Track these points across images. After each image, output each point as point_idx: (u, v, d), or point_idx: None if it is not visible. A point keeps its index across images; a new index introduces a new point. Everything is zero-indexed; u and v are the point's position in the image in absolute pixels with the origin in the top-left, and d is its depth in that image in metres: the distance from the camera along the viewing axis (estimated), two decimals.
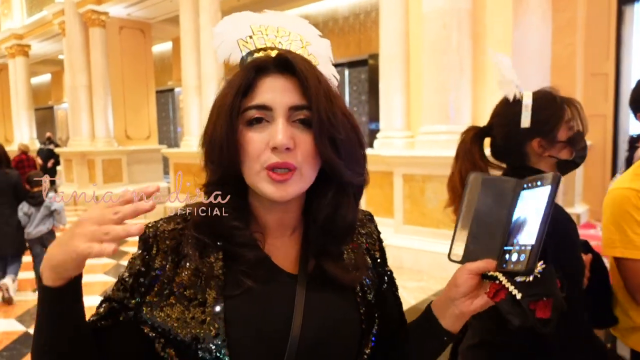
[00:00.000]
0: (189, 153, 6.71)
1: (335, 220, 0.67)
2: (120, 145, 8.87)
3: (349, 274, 0.68)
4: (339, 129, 0.62)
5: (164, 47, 11.64)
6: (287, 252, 0.69)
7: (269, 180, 0.61)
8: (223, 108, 0.63)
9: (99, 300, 0.66)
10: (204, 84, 6.38)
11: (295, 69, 0.62)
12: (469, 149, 1.19)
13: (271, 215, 0.68)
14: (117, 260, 4.65)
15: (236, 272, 0.63)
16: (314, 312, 0.64)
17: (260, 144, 0.61)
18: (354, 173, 0.65)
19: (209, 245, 0.64)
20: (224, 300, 0.61)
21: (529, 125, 1.13)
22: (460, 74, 3.84)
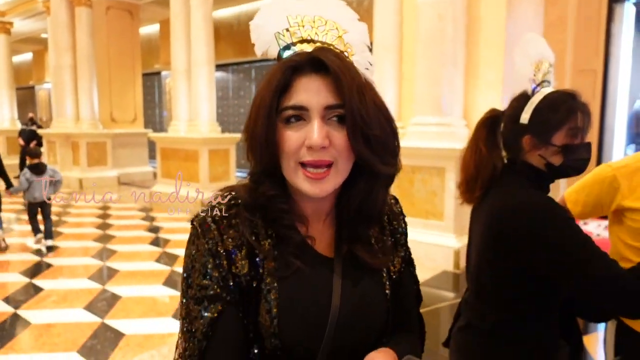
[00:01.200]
0: (176, 138, 6.64)
1: (366, 207, 0.71)
2: (105, 128, 8.72)
3: (377, 259, 0.74)
4: (371, 125, 0.65)
5: (152, 29, 11.43)
6: (321, 236, 0.74)
7: (305, 179, 0.65)
8: (262, 107, 0.66)
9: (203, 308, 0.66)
10: (193, 69, 6.30)
11: (329, 68, 0.64)
12: (477, 130, 1.23)
13: (308, 204, 0.72)
14: (103, 244, 4.61)
15: (284, 254, 0.68)
16: (349, 292, 0.71)
17: (296, 142, 0.65)
18: (386, 165, 0.69)
19: (260, 227, 0.69)
20: (277, 280, 0.67)
21: (527, 121, 1.16)
22: (454, 66, 3.87)
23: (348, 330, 0.69)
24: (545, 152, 1.15)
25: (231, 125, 10.54)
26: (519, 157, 1.19)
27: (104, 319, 2.84)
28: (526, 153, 1.17)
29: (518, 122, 1.16)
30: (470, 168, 1.20)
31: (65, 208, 6.51)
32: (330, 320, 0.68)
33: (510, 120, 1.19)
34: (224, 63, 10.08)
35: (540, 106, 1.15)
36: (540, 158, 1.16)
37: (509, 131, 1.20)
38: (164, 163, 6.96)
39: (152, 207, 6.63)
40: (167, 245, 4.62)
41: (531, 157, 1.17)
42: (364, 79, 0.68)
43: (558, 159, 1.15)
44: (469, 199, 1.25)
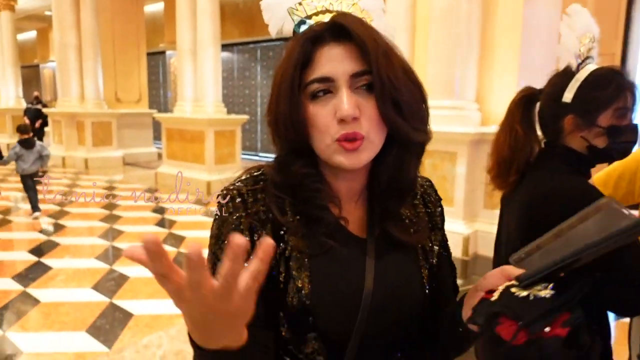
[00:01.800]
0: (182, 118, 6.58)
1: (397, 179, 0.68)
2: (110, 108, 8.66)
3: (411, 236, 0.71)
4: (401, 90, 0.62)
5: (156, 7, 11.26)
6: (354, 217, 0.70)
7: (341, 151, 0.62)
8: (284, 84, 0.63)
9: None
10: (199, 49, 6.20)
11: (352, 34, 0.61)
12: (512, 110, 1.13)
13: (342, 183, 0.69)
14: (110, 224, 4.60)
15: (316, 233, 0.65)
16: (383, 273, 0.67)
17: (327, 117, 0.62)
18: (418, 132, 0.65)
19: (289, 205, 0.66)
20: (308, 258, 0.64)
21: (570, 100, 1.06)
22: (468, 47, 3.77)
23: (382, 314, 0.66)
24: (589, 134, 1.06)
25: (236, 106, 10.46)
26: (558, 139, 1.10)
27: (112, 299, 2.84)
28: (567, 135, 1.09)
29: (559, 100, 1.07)
30: (505, 151, 1.11)
31: (72, 188, 6.50)
32: (363, 303, 0.64)
33: (551, 98, 1.10)
34: (229, 43, 9.95)
35: (585, 83, 1.05)
36: (582, 140, 1.07)
37: (549, 110, 1.11)
38: (169, 144, 6.91)
39: (157, 187, 6.60)
40: (173, 227, 4.60)
41: (572, 139, 1.08)
42: (389, 42, 0.64)
43: (602, 141, 1.06)
44: (501, 184, 1.16)
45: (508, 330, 0.52)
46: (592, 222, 0.56)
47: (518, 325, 0.51)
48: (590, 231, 0.55)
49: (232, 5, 9.75)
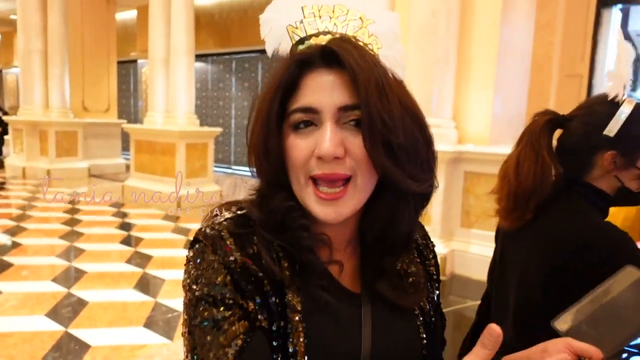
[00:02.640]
0: (152, 130, 6.36)
1: (390, 234, 0.59)
2: (77, 117, 8.33)
3: (407, 298, 0.63)
4: (396, 131, 0.53)
5: (129, 15, 11.01)
6: (346, 267, 0.61)
7: (316, 199, 0.55)
8: (262, 110, 0.56)
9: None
10: (172, 58, 6.02)
11: (343, 62, 0.53)
12: (537, 135, 1.00)
13: (327, 228, 0.58)
14: (70, 242, 4.33)
15: (309, 284, 0.57)
16: (380, 336, 0.60)
17: (305, 151, 0.54)
18: (416, 180, 0.56)
19: (279, 251, 0.57)
20: (303, 318, 0.55)
21: (613, 134, 0.96)
22: (445, 64, 3.74)
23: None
24: (625, 175, 0.97)
25: (209, 118, 10.26)
26: (582, 175, 1.00)
27: (67, 328, 2.61)
28: (598, 171, 0.99)
29: (601, 132, 0.96)
30: (529, 181, 0.97)
31: (31, 201, 6.16)
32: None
33: (591, 128, 0.98)
34: (203, 53, 9.77)
35: (633, 118, 0.95)
36: (614, 180, 0.98)
37: (583, 141, 0.99)
38: (138, 156, 6.65)
39: (124, 202, 6.33)
40: (140, 244, 4.37)
41: (603, 177, 0.99)
42: (391, 75, 0.57)
43: (636, 185, 0.98)
44: (515, 220, 1.02)
45: None
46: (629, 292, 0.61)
47: None
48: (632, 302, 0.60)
49: (208, 16, 9.60)
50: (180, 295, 0.60)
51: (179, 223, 5.22)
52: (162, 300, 3.05)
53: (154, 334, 2.59)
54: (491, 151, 3.61)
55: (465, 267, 3.74)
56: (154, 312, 2.86)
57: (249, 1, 8.89)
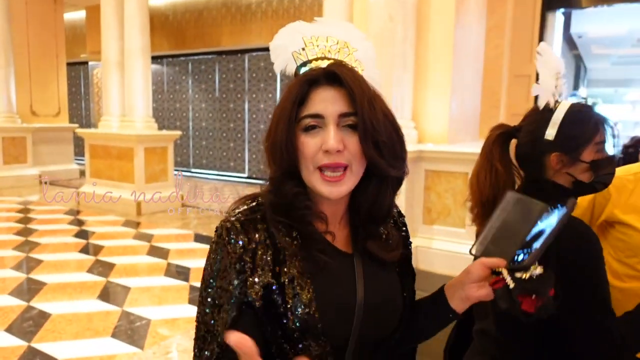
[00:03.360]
0: (108, 134, 6.16)
1: (376, 209, 0.80)
2: (25, 122, 7.94)
3: (390, 253, 0.83)
4: (381, 132, 0.73)
5: (77, 15, 10.58)
6: (339, 235, 0.81)
7: (322, 182, 0.73)
8: (283, 117, 0.74)
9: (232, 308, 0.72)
10: (127, 60, 5.86)
11: (343, 81, 0.73)
12: (490, 147, 1.13)
13: (326, 207, 0.79)
14: (27, 253, 4.14)
15: (311, 252, 0.75)
16: (370, 284, 0.79)
17: (314, 147, 0.73)
18: (394, 168, 0.77)
19: (287, 227, 0.75)
20: (309, 277, 0.73)
21: (553, 138, 1.08)
22: (404, 68, 3.86)
23: (372, 321, 0.77)
24: (575, 170, 1.08)
25: (166, 120, 10.03)
26: (541, 176, 1.12)
27: (30, 342, 2.52)
28: (551, 171, 1.10)
29: (542, 138, 1.09)
30: (487, 190, 1.10)
31: None
32: (357, 311, 0.75)
33: (533, 136, 1.11)
34: (158, 55, 9.54)
35: (566, 121, 1.07)
36: (567, 176, 1.09)
37: (531, 148, 1.12)
38: (93, 162, 6.43)
39: (80, 209, 6.11)
40: (100, 253, 4.24)
41: (557, 175, 1.10)
42: (374, 91, 0.76)
43: (588, 176, 1.09)
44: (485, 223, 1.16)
45: (529, 304, 0.71)
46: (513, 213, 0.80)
47: (532, 298, 0.71)
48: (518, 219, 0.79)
49: (162, 17, 9.39)
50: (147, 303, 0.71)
51: (140, 229, 5.10)
52: (128, 308, 2.99)
53: (123, 343, 2.54)
54: (450, 149, 3.76)
55: (429, 263, 3.87)
56: (120, 321, 2.81)
57: (204, 2, 8.76)
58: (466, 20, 4.09)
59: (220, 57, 9.04)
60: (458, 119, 4.11)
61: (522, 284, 0.72)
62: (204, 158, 9.62)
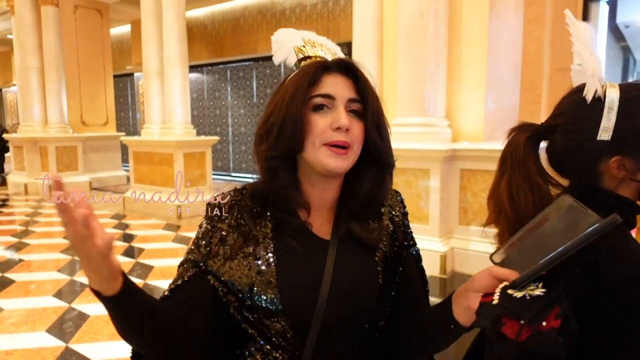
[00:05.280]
0: (149, 141, 6.39)
1: (376, 195, 0.84)
2: (76, 132, 8.38)
3: (371, 234, 0.84)
4: (382, 119, 0.82)
5: (123, 29, 11.07)
6: (322, 223, 0.84)
7: (330, 154, 0.77)
8: (298, 95, 0.78)
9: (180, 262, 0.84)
10: (166, 69, 6.05)
11: (355, 71, 0.81)
12: (522, 158, 0.85)
13: (315, 191, 0.83)
14: (72, 256, 4.35)
15: (283, 235, 0.80)
16: (342, 268, 0.80)
17: (324, 125, 0.78)
18: (390, 155, 0.84)
19: (260, 212, 0.82)
20: (275, 257, 0.79)
21: (609, 138, 0.80)
22: (436, 65, 3.76)
23: (340, 304, 0.78)
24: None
25: (207, 127, 10.29)
26: (593, 184, 0.85)
27: (68, 343, 2.62)
28: (610, 180, 0.84)
29: (594, 139, 0.81)
30: (529, 213, 0.81)
31: (33, 217, 6.19)
32: (322, 292, 0.77)
33: (579, 138, 0.83)
34: (198, 64, 9.82)
35: (624, 113, 0.80)
36: (633, 183, 0.83)
37: (578, 154, 0.84)
38: (137, 167, 6.69)
39: (125, 213, 6.36)
40: (141, 255, 4.39)
41: (617, 184, 0.84)
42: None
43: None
44: None
45: (512, 329, 0.58)
46: (558, 220, 0.65)
47: (520, 324, 0.58)
48: (560, 230, 0.64)
49: (201, 27, 9.66)
50: None
51: (179, 232, 5.24)
52: None
53: None
54: (486, 147, 3.62)
55: (466, 265, 3.74)
56: None
57: (240, 11, 8.93)
58: (501, 12, 3.93)
59: (257, 63, 9.18)
60: (494, 115, 3.95)
61: (507, 302, 0.60)
62: (243, 162, 9.79)
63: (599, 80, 0.82)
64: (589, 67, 0.82)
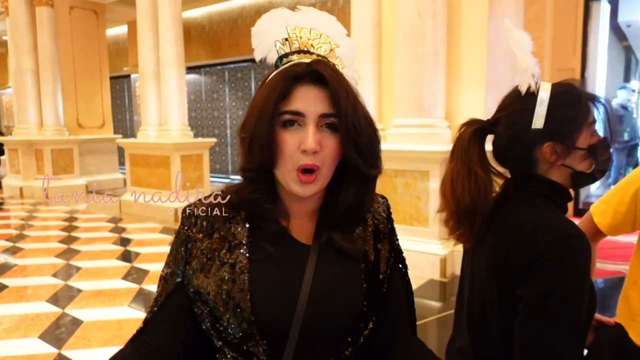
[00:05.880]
0: (145, 143, 6.33)
1: (356, 206, 0.79)
2: (72, 134, 8.31)
3: (353, 244, 0.79)
4: (362, 134, 0.73)
5: (119, 30, 11.01)
6: (305, 228, 0.80)
7: (297, 182, 0.73)
8: (266, 111, 0.72)
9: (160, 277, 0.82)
10: (162, 70, 6.00)
11: (327, 82, 0.72)
12: (467, 148, 0.97)
13: (294, 203, 0.79)
14: (67, 261, 4.29)
15: (259, 241, 0.76)
16: (322, 275, 0.76)
17: (293, 145, 0.72)
18: (373, 168, 0.77)
19: (236, 218, 0.78)
20: (249, 263, 0.74)
21: (542, 125, 0.92)
22: (435, 65, 3.71)
23: (319, 313, 0.74)
24: (572, 160, 0.94)
25: (205, 128, 10.23)
26: (531, 172, 0.97)
27: (61, 350, 2.56)
28: (544, 165, 0.95)
29: (529, 128, 0.93)
30: (466, 199, 0.94)
31: (28, 221, 6.12)
32: (300, 301, 0.72)
33: (517, 126, 0.95)
34: (196, 65, 9.77)
35: (554, 104, 0.92)
36: (564, 169, 0.95)
37: (517, 140, 0.96)
38: (133, 170, 6.63)
39: (122, 217, 6.29)
40: (137, 259, 4.33)
41: (551, 170, 0.95)
42: (356, 92, 0.75)
43: (587, 165, 0.95)
44: (467, 238, 0.99)
45: None
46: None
47: None
48: None
49: (198, 28, 9.60)
50: None
51: None
52: None
53: None
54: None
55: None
56: None
57: (238, 11, 8.89)
58: (500, 12, 3.89)
59: (255, 64, 9.13)
60: None
61: None
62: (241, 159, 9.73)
63: (532, 76, 0.94)
64: (521, 64, 0.94)
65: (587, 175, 0.95)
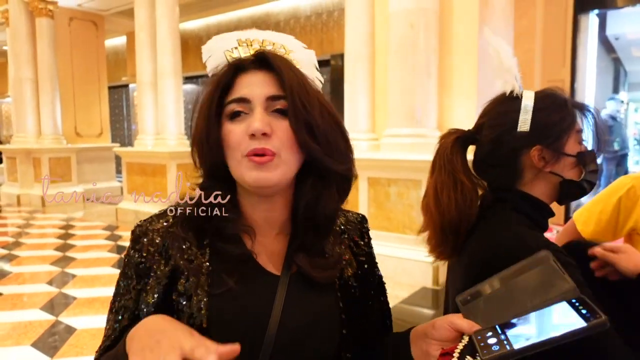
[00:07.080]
0: (142, 152, 6.37)
1: (316, 211, 0.68)
2: (70, 143, 8.36)
3: (325, 271, 0.69)
4: (314, 115, 0.65)
5: (118, 41, 11.11)
6: (272, 251, 0.70)
7: (250, 166, 0.63)
8: (204, 105, 0.67)
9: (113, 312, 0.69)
10: (160, 80, 6.07)
11: (271, 63, 0.66)
12: (450, 158, 0.89)
13: (258, 211, 0.70)
14: (62, 268, 4.31)
15: (219, 270, 0.66)
16: (292, 312, 0.67)
17: (240, 134, 0.64)
18: (334, 161, 0.67)
19: (194, 241, 0.67)
20: (207, 297, 0.64)
21: (528, 128, 0.86)
22: (427, 76, 3.78)
23: (292, 352, 0.66)
24: (561, 167, 0.87)
25: None
26: (511, 184, 0.89)
27: (52, 358, 2.58)
28: (528, 173, 0.88)
29: (514, 131, 0.87)
30: (451, 212, 0.86)
31: (24, 228, 6.14)
32: (266, 341, 0.64)
33: (501, 130, 0.88)
34: (193, 75, 9.84)
35: (539, 107, 0.87)
36: (551, 177, 0.88)
37: (501, 145, 0.89)
38: (130, 178, 6.66)
39: (118, 224, 6.31)
40: None
41: (536, 179, 0.88)
42: (309, 79, 0.69)
43: (577, 173, 0.88)
44: (448, 251, 0.92)
45: None
46: (531, 276, 0.61)
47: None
48: (531, 287, 0.59)
49: (196, 39, 9.70)
50: None
51: None
52: None
53: None
54: None
55: None
56: None
57: (234, 23, 8.99)
58: (491, 24, 3.96)
59: None
60: None
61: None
62: None
63: (514, 77, 0.90)
64: (504, 63, 0.91)
65: (576, 184, 0.89)
